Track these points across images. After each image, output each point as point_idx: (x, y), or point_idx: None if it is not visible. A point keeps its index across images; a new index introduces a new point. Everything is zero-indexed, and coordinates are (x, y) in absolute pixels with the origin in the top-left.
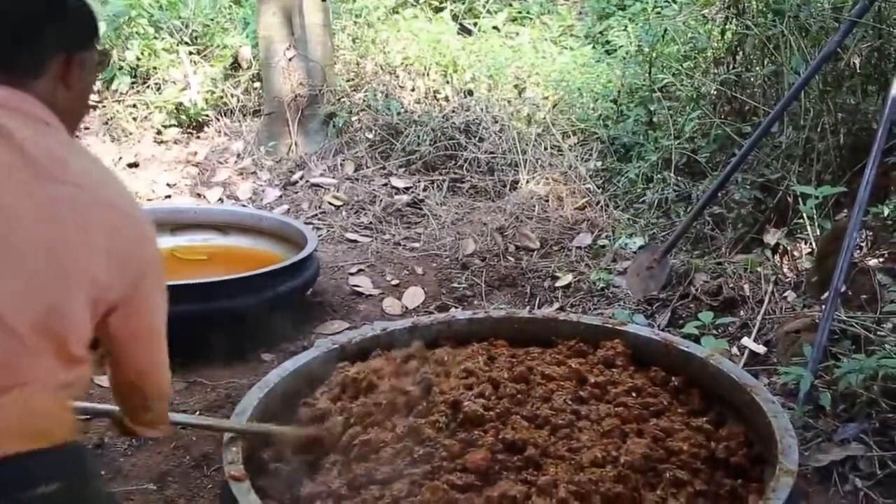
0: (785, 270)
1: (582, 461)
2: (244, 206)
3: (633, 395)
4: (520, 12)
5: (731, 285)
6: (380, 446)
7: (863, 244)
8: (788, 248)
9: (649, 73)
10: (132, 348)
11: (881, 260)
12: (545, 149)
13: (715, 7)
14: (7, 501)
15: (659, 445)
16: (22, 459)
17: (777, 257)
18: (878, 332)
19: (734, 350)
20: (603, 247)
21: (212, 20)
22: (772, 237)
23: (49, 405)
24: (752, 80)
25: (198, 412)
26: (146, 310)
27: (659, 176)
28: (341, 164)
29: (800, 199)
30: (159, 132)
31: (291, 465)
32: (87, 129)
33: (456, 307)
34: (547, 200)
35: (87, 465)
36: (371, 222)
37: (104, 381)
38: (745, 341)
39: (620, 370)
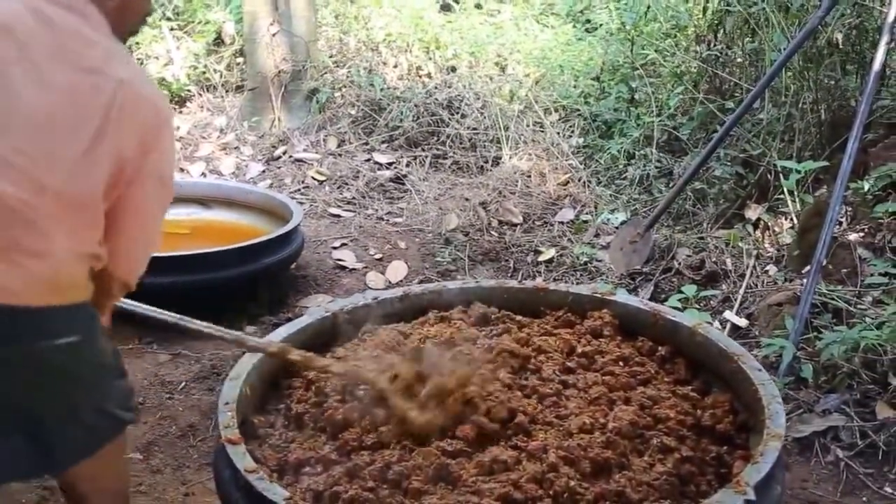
0: (766, 245)
1: (570, 427)
2: (228, 180)
3: (621, 364)
4: None
5: (713, 260)
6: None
7: (843, 219)
8: (769, 223)
9: (631, 50)
10: (126, 219)
11: (861, 234)
12: (527, 125)
13: None
14: (38, 347)
15: (646, 413)
16: (51, 311)
17: (758, 232)
18: (859, 306)
19: (716, 323)
20: (585, 222)
21: None
22: (753, 212)
23: (75, 270)
24: (733, 57)
25: (183, 384)
26: (148, 186)
27: (641, 152)
28: (324, 140)
29: (781, 175)
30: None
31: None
32: None
33: (439, 281)
34: (529, 176)
35: (98, 323)
36: (354, 197)
37: None
38: (728, 314)
39: (608, 340)
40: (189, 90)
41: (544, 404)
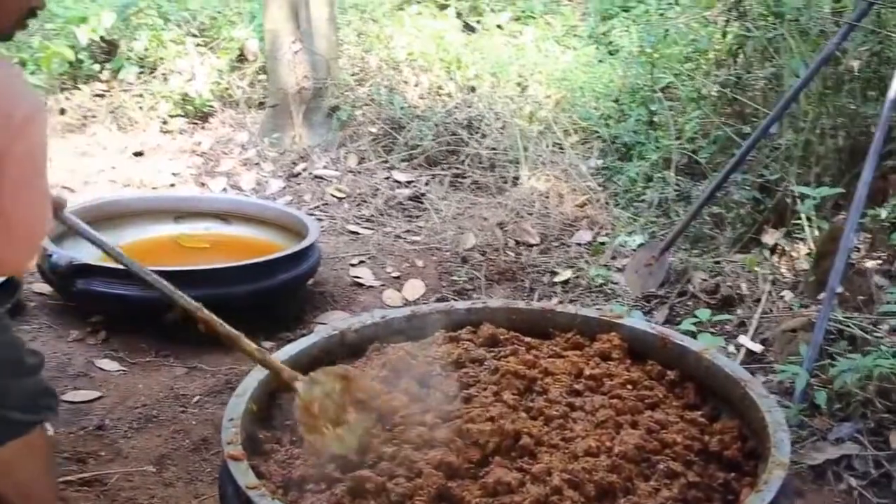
0: (783, 270)
1: (576, 450)
2: (247, 196)
3: (629, 387)
4: (523, 11)
5: (728, 284)
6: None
7: (861, 246)
8: (787, 248)
9: (651, 73)
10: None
11: (879, 262)
12: (546, 146)
13: (716, 9)
14: None
15: (653, 437)
16: None
17: (775, 257)
18: (875, 333)
19: (731, 348)
20: (602, 244)
21: (219, 13)
22: (770, 237)
23: None
24: (752, 82)
25: (197, 398)
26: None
27: (659, 175)
28: (344, 157)
29: (798, 200)
30: (165, 122)
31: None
32: (94, 117)
33: (455, 300)
34: (547, 197)
35: None
36: (373, 215)
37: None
38: (742, 339)
39: (617, 363)
40: (212, 106)
41: (550, 426)
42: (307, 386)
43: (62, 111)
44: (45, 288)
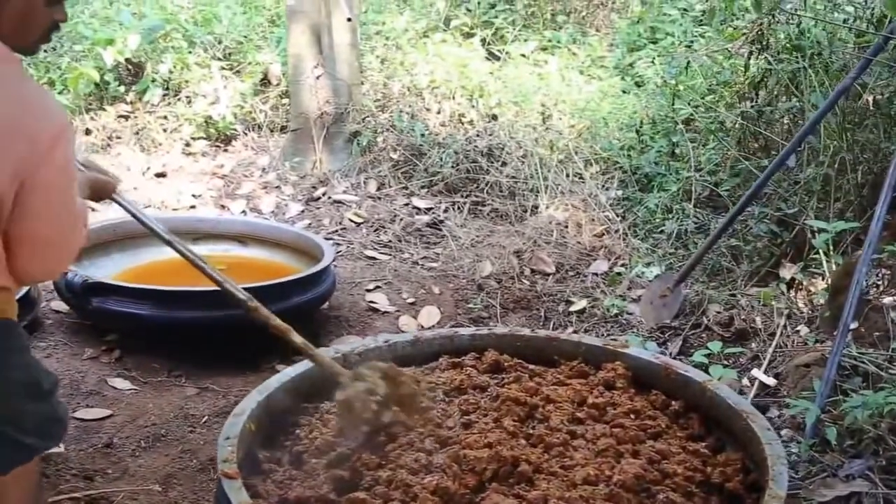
0: (800, 305)
1: (574, 479)
2: (266, 219)
3: (632, 416)
4: (549, 41)
5: (743, 317)
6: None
7: (879, 282)
8: (804, 282)
9: (672, 104)
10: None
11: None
12: (567, 176)
13: (739, 41)
14: None
15: (654, 467)
16: None
17: (792, 292)
18: (890, 370)
19: (744, 381)
20: (619, 274)
21: (245, 37)
22: (787, 271)
23: None
24: (775, 115)
25: (206, 418)
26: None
27: (679, 207)
28: (364, 183)
29: (816, 234)
30: (188, 144)
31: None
32: (118, 138)
33: (468, 327)
34: (566, 226)
35: (13, 338)
36: (390, 241)
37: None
38: (755, 373)
39: (621, 392)
40: (234, 129)
41: (550, 454)
42: (350, 382)
43: (87, 132)
44: (62, 306)
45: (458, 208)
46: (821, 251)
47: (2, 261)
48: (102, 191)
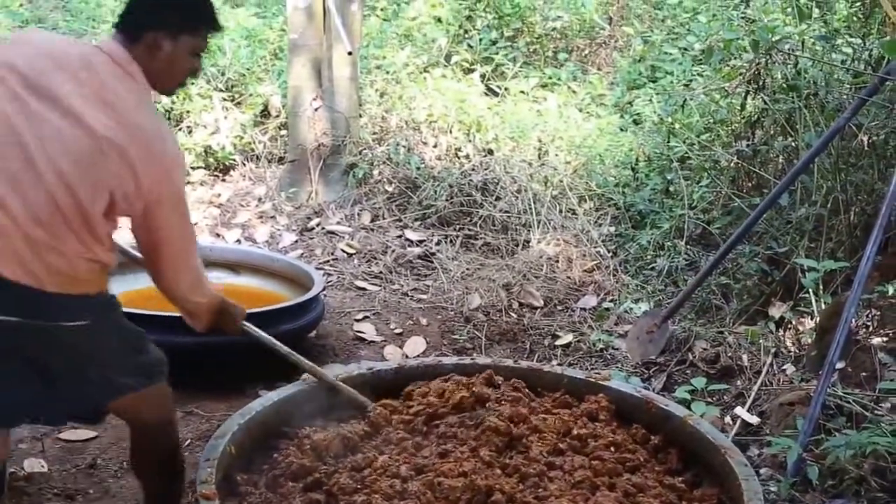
0: (787, 344)
1: None
2: (260, 248)
3: (611, 449)
4: (550, 78)
5: (729, 354)
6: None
7: (869, 323)
8: (793, 321)
9: (667, 142)
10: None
11: (885, 339)
12: (560, 211)
13: (736, 81)
14: (55, 326)
15: (629, 500)
16: (68, 298)
17: (781, 330)
18: (876, 411)
19: (727, 419)
20: (607, 310)
21: (248, 69)
22: (777, 310)
23: (84, 269)
24: (770, 154)
25: (188, 441)
26: (160, 227)
27: (670, 244)
28: (358, 214)
29: (804, 273)
30: (187, 173)
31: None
32: None
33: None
34: (556, 261)
35: (112, 312)
36: (381, 272)
37: None
38: (739, 411)
39: (603, 424)
40: (233, 159)
41: (525, 484)
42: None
43: None
44: None
45: (451, 241)
46: (810, 290)
47: (107, 240)
48: (229, 316)
